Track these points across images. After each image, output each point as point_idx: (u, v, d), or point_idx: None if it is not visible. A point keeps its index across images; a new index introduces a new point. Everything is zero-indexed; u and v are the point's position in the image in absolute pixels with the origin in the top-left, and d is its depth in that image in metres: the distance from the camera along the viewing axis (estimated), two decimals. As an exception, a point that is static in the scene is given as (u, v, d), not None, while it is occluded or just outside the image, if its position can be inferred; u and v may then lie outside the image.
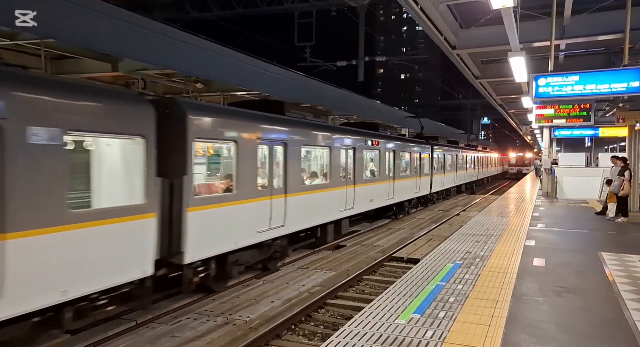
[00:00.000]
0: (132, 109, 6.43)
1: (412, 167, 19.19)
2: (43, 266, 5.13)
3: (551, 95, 7.85)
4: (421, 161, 20.25)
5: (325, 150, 12.09)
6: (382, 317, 4.86)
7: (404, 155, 18.20)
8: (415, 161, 19.34)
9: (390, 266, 11.03)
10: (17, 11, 5.31)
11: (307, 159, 12.10)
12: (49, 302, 5.21)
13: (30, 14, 5.39)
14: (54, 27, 5.97)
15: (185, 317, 7.23)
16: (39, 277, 5.10)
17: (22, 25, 5.35)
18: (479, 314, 4.95)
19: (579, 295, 5.73)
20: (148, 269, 6.54)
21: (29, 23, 5.39)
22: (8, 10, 5.28)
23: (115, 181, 6.62)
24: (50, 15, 5.78)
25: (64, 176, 5.45)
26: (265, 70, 10.72)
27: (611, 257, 7.72)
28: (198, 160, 8.08)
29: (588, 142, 29.38)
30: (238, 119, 8.61)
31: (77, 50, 7.66)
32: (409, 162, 18.86)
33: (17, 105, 4.92)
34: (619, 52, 9.40)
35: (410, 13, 7.80)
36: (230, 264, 8.36)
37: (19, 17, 5.32)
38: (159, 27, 7.94)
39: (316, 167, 12.68)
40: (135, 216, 6.37)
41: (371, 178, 15.15)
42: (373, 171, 15.61)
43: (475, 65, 13.05)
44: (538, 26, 9.14)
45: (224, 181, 8.85)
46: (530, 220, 12.08)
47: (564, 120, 12.10)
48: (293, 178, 10.05)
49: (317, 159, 12.82)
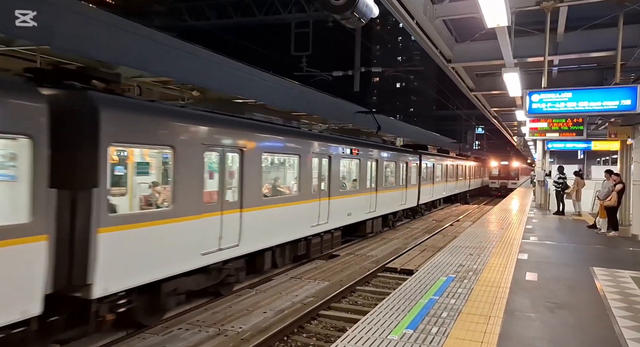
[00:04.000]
0: (11, 101, 4.98)
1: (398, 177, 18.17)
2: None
3: (544, 111, 7.95)
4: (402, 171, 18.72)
5: (294, 158, 10.81)
6: (375, 332, 4.85)
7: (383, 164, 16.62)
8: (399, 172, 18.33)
9: (384, 276, 11.02)
10: (17, 11, 5.29)
11: (271, 168, 10.87)
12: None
13: (30, 13, 5.38)
14: (51, 33, 5.97)
15: (177, 327, 7.18)
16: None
17: (22, 25, 5.32)
18: (471, 330, 4.95)
19: (570, 311, 5.76)
20: (33, 308, 5.06)
21: (28, 23, 5.38)
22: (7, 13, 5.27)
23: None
24: (47, 22, 5.79)
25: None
26: (261, 79, 10.76)
27: (602, 272, 7.77)
28: (117, 170, 6.70)
29: (581, 154, 29.67)
30: (176, 119, 7.17)
31: (73, 57, 7.67)
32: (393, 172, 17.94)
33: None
34: (612, 68, 9.55)
35: (406, 28, 7.88)
36: (164, 294, 6.97)
37: (19, 17, 5.31)
38: (156, 35, 7.96)
39: (283, 177, 11.31)
40: (15, 239, 4.88)
41: (350, 190, 13.99)
42: (353, 182, 14.42)
43: (470, 78, 13.19)
44: (532, 42, 9.27)
45: (155, 196, 7.31)
46: (524, 233, 12.13)
47: (557, 134, 12.23)
48: (251, 190, 8.71)
49: (285, 168, 11.48)
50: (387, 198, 16.81)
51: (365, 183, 14.70)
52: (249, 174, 8.72)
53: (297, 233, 10.86)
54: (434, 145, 26.84)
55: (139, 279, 6.41)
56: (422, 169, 21.62)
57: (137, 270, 6.39)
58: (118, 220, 6.05)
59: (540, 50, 8.77)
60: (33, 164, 5.11)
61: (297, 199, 10.69)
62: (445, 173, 27.20)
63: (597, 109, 7.61)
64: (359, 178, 14.41)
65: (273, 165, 10.99)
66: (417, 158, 20.78)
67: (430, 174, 23.44)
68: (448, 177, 27.89)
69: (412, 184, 20.01)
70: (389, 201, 17.05)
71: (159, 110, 7.05)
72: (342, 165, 13.39)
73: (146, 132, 6.60)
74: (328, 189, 12.12)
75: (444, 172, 26.77)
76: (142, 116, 6.58)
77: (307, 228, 11.16)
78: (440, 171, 25.91)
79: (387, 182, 17.05)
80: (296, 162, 10.79)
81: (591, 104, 7.59)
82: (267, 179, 10.16)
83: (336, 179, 12.67)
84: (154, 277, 6.64)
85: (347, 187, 13.93)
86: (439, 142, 30.43)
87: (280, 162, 11.26)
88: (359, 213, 14.35)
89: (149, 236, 6.51)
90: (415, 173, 20.63)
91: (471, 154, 40.44)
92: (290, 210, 10.38)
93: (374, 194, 15.41)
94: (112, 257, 5.90)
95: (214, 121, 7.99)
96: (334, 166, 12.44)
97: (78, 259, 5.61)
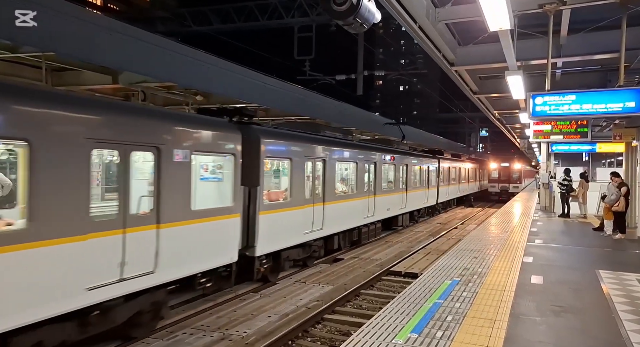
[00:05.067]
0: (226, 134, 8.32)
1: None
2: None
3: (548, 114, 7.91)
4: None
5: (352, 164, 13.80)
6: (380, 337, 4.83)
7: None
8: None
9: (388, 280, 11.00)
10: (17, 11, 5.31)
11: (339, 173, 13.57)
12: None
13: (30, 14, 5.38)
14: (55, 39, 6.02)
15: (182, 332, 7.18)
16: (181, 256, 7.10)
17: (22, 26, 5.33)
18: (476, 334, 4.93)
19: (576, 315, 5.72)
20: (234, 257, 8.42)
21: (28, 23, 5.39)
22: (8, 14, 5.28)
23: (213, 188, 8.52)
24: (51, 28, 5.84)
25: (189, 183, 7.29)
26: (264, 83, 10.79)
27: (608, 275, 7.72)
28: (266, 175, 9.82)
29: (586, 156, 29.54)
30: (292, 141, 10.51)
31: (77, 62, 7.73)
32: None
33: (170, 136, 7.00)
34: (615, 70, 9.50)
35: (409, 31, 7.89)
36: (282, 260, 10.23)
37: (19, 17, 5.32)
38: (159, 40, 8.01)
39: (346, 179, 14.14)
40: (226, 215, 8.21)
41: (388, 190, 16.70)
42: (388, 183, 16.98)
43: (473, 81, 13.15)
44: (535, 45, 9.24)
45: (281, 192, 10.44)
46: (529, 235, 12.07)
47: (562, 136, 12.18)
48: (330, 189, 11.95)
49: (348, 172, 14.17)
50: (414, 197, 20.04)
51: (399, 185, 17.91)
52: (329, 177, 11.81)
53: (355, 223, 13.94)
54: (447, 149, 29.02)
55: (274, 247, 9.64)
56: (440, 171, 24.52)
57: (274, 241, 9.58)
58: (267, 207, 9.35)
59: (543, 53, 8.74)
60: (234, 171, 8.42)
61: (355, 196, 13.70)
62: (459, 175, 29.85)
63: (602, 111, 7.57)
64: (394, 180, 17.45)
65: (340, 171, 13.61)
66: (436, 162, 23.84)
67: (447, 176, 26.27)
68: (461, 179, 30.53)
69: (432, 185, 23.16)
70: (415, 199, 20.26)
71: (283, 135, 10.43)
72: (383, 170, 16.30)
73: (279, 150, 10.01)
74: (374, 189, 15.20)
75: (458, 174, 29.55)
76: (277, 139, 10.00)
77: (361, 219, 14.29)
78: (455, 173, 28.82)
79: (414, 184, 20.19)
80: (353, 168, 13.87)
81: (595, 107, 7.55)
82: (337, 181, 13.04)
83: (379, 181, 15.65)
84: (280, 247, 9.87)
85: (386, 187, 16.66)
86: (451, 146, 32.39)
87: (345, 168, 13.99)
88: (394, 209, 17.54)
89: (279, 218, 9.63)
90: (435, 175, 23.61)
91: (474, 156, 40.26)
92: (352, 205, 13.46)
93: (405, 194, 18.66)
94: (264, 231, 9.11)
95: (310, 140, 11.27)
96: (378, 171, 15.48)
97: (251, 230, 8.89)
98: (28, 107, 5.19)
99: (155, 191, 6.65)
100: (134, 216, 6.31)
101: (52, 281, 5.30)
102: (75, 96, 6.41)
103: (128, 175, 6.30)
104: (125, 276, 6.08)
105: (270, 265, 9.78)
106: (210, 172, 8.61)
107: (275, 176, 10.73)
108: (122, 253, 6.05)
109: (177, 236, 6.96)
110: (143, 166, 6.91)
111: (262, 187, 9.08)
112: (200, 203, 7.58)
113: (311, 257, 11.74)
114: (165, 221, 6.68)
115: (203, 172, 8.49)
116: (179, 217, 6.97)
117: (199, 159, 7.94)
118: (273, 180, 10.62)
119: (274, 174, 10.68)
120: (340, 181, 13.36)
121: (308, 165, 10.92)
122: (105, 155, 7.26)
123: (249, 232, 8.87)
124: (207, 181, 8.48)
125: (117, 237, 6.00)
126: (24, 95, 5.27)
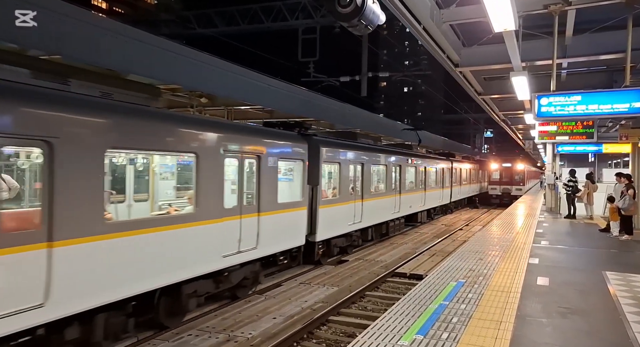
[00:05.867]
0: (297, 144, 10.48)
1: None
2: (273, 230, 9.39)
3: (553, 114, 7.88)
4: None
5: (382, 167, 16.01)
6: (385, 338, 4.82)
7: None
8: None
9: (393, 281, 10.97)
10: (17, 11, 5.31)
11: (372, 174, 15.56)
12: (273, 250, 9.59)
13: (30, 14, 5.39)
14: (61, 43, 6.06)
15: (187, 333, 7.20)
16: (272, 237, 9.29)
17: (22, 26, 5.34)
18: (482, 335, 4.91)
19: (583, 316, 5.68)
20: (302, 241, 10.75)
21: (28, 23, 5.40)
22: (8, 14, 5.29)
23: (287, 186, 10.71)
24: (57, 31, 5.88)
25: (276, 182, 9.52)
26: (268, 85, 10.82)
27: (615, 277, 7.66)
28: (323, 176, 11.92)
29: (591, 157, 29.34)
30: (342, 148, 12.77)
31: (83, 65, 7.78)
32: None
33: (266, 147, 9.16)
34: (621, 70, 9.46)
35: (413, 33, 7.88)
36: (332, 246, 12.44)
37: (19, 17, 5.34)
38: (164, 43, 8.05)
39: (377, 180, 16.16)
40: (298, 207, 10.43)
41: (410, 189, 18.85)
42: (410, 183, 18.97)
43: (478, 82, 13.14)
44: (540, 45, 9.22)
45: (332, 190, 12.62)
46: (534, 237, 12.01)
47: (567, 137, 12.12)
48: (367, 188, 14.24)
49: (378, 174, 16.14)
50: (432, 196, 22.24)
51: (419, 185, 20.21)
52: (366, 178, 14.04)
53: (385, 217, 16.09)
54: (458, 152, 30.90)
55: (328, 235, 11.87)
56: (453, 173, 26.34)
57: (328, 230, 11.79)
58: (323, 202, 11.46)
59: (548, 53, 8.72)
60: (302, 172, 10.69)
61: (385, 194, 15.95)
62: (469, 176, 31.20)
63: (608, 111, 7.53)
64: (415, 181, 19.70)
65: (374, 173, 15.64)
66: (449, 164, 25.68)
67: (459, 177, 27.99)
68: (471, 180, 31.90)
69: (446, 185, 25.08)
70: (433, 198, 22.47)
71: (334, 143, 12.51)
72: (407, 172, 18.41)
73: (332, 156, 12.05)
74: (399, 188, 17.33)
75: (468, 175, 31.02)
76: (331, 147, 12.03)
77: (389, 214, 16.44)
78: (466, 174, 30.41)
79: (432, 184, 22.31)
80: (384, 170, 16.04)
81: (601, 107, 7.52)
82: (372, 181, 15.21)
83: (403, 181, 17.75)
84: (331, 235, 12.09)
85: (409, 187, 18.66)
86: (461, 149, 33.78)
87: (378, 170, 15.97)
88: (415, 206, 19.70)
89: (331, 212, 11.83)
90: (448, 176, 25.43)
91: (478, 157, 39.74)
92: (383, 202, 15.67)
93: (424, 193, 20.78)
94: (322, 222, 11.32)
95: (353, 147, 13.58)
96: (402, 172, 17.62)
97: (312, 220, 11.11)
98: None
99: (256, 188, 8.92)
100: (246, 206, 8.62)
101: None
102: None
103: (242, 176, 8.57)
104: (241, 249, 8.38)
105: (324, 250, 11.97)
106: (283, 173, 10.76)
107: (329, 177, 12.92)
108: (240, 232, 8.34)
109: (269, 222, 9.19)
110: (249, 170, 8.92)
111: (321, 186, 11.42)
112: (282, 198, 9.85)
113: (351, 246, 13.85)
114: (263, 211, 9.00)
115: (281, 175, 10.50)
116: (271, 208, 9.27)
117: (280, 163, 9.96)
118: (327, 180, 12.72)
119: (328, 176, 12.85)
120: (373, 182, 15.48)
121: (351, 168, 13.16)
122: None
123: (312, 222, 11.11)
124: (284, 181, 10.68)
125: (237, 221, 8.29)
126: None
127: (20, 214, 5.85)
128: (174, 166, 8.85)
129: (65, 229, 5.28)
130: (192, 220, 7.18)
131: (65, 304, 5.30)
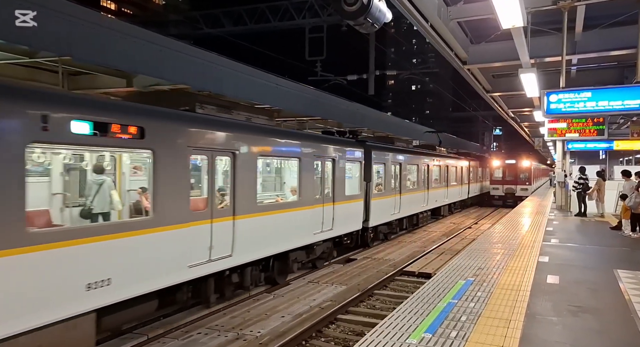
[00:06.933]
0: (357, 149, 13.05)
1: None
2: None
3: (563, 111, 7.81)
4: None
5: (414, 167, 18.56)
6: (394, 337, 4.82)
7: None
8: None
9: (402, 280, 10.95)
10: (17, 11, 5.34)
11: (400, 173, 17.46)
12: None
13: (30, 14, 5.42)
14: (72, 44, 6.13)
15: (196, 332, 7.25)
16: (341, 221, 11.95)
17: (22, 26, 5.36)
18: (491, 334, 4.89)
19: (594, 315, 5.63)
20: (360, 226, 13.33)
21: (28, 23, 5.44)
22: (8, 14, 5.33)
23: (349, 182, 12.92)
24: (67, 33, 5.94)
25: (344, 179, 12.14)
26: (276, 84, 10.84)
27: (627, 275, 7.57)
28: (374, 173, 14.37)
29: (602, 154, 28.96)
30: (386, 151, 15.39)
31: (93, 66, 7.85)
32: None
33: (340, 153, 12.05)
34: (632, 66, 9.34)
35: (420, 30, 7.85)
36: (378, 232, 15.20)
37: (19, 17, 5.37)
38: (172, 43, 8.10)
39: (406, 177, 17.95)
40: (358, 199, 13.02)
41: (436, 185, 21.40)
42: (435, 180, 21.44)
43: (486, 80, 13.07)
44: (549, 41, 9.14)
45: (378, 186, 14.88)
46: (544, 235, 11.90)
47: (577, 134, 11.99)
48: (403, 182, 16.70)
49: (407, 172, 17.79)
50: (453, 192, 24.87)
51: (442, 182, 22.63)
52: (403, 176, 16.48)
53: (416, 210, 18.75)
54: (472, 151, 32.61)
55: (377, 222, 14.48)
56: (470, 171, 28.52)
57: (377, 219, 14.36)
58: (374, 195, 13.98)
59: (557, 50, 8.64)
60: (360, 171, 13.27)
61: (417, 190, 18.50)
62: (484, 174, 33.41)
63: (618, 108, 7.44)
64: (439, 177, 22.20)
65: (409, 171, 17.80)
66: (466, 162, 27.70)
67: (475, 175, 29.86)
68: (485, 178, 33.83)
69: (465, 182, 27.30)
70: (454, 194, 25.08)
71: (381, 147, 15.17)
72: (434, 170, 20.98)
73: (379, 158, 14.60)
74: (427, 184, 19.80)
75: (483, 173, 33.16)
76: (378, 151, 14.67)
77: (419, 207, 19.04)
78: (482, 172, 32.66)
79: (453, 181, 24.63)
80: (415, 169, 18.38)
81: (612, 103, 7.42)
82: (407, 179, 17.45)
83: (430, 178, 20.23)
84: (379, 223, 14.80)
85: (434, 184, 21.15)
86: (474, 148, 35.40)
87: (411, 169, 18.10)
88: (440, 201, 22.28)
89: (379, 203, 14.40)
90: (466, 173, 27.55)
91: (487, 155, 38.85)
92: (415, 196, 18.31)
93: (446, 189, 23.28)
94: (373, 211, 13.93)
95: (393, 150, 16.39)
96: (430, 171, 20.09)
97: (367, 210, 13.62)
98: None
99: (331, 183, 11.56)
100: (326, 197, 11.27)
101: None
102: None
103: (324, 173, 11.30)
104: (323, 229, 11.06)
105: (373, 235, 14.68)
106: (347, 172, 12.85)
107: (377, 176, 14.97)
108: (322, 216, 11.02)
109: (341, 210, 11.72)
110: (328, 169, 11.54)
111: (372, 182, 13.85)
112: (348, 191, 12.34)
113: (391, 233, 16.36)
114: (337, 201, 11.62)
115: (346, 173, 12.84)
116: (341, 199, 11.82)
117: (347, 164, 12.48)
118: (375, 178, 14.73)
119: (376, 175, 14.92)
120: (408, 179, 17.69)
121: (392, 168, 15.66)
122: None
123: (366, 211, 13.55)
124: (348, 178, 12.87)
125: (321, 208, 10.98)
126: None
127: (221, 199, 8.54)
128: (286, 168, 11.50)
129: (240, 208, 8.16)
130: (296, 206, 9.97)
131: (240, 257, 8.21)
